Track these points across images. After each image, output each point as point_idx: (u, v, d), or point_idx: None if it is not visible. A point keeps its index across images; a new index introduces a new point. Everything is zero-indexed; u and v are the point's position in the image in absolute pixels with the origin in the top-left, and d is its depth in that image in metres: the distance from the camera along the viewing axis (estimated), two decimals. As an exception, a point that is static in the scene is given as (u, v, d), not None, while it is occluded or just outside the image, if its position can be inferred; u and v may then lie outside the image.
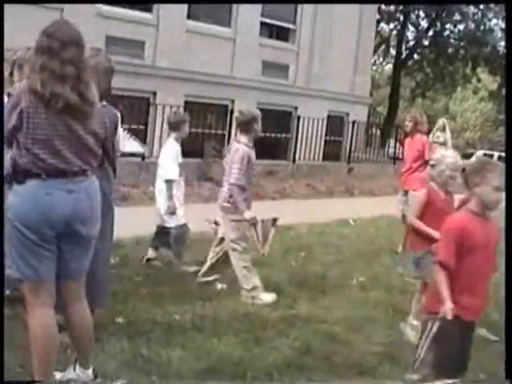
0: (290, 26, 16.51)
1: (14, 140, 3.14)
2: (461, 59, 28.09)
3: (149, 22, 13.51)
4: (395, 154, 18.48)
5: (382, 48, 30.99)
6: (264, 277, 5.63)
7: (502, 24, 25.98)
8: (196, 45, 13.98)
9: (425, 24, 28.36)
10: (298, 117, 15.59)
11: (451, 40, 28.04)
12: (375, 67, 32.90)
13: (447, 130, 11.92)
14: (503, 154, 15.80)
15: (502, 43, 25.18)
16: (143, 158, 11.07)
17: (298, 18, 16.47)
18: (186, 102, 13.69)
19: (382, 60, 34.29)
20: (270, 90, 15.38)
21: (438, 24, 27.68)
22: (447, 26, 27.78)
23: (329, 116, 16.90)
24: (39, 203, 3.13)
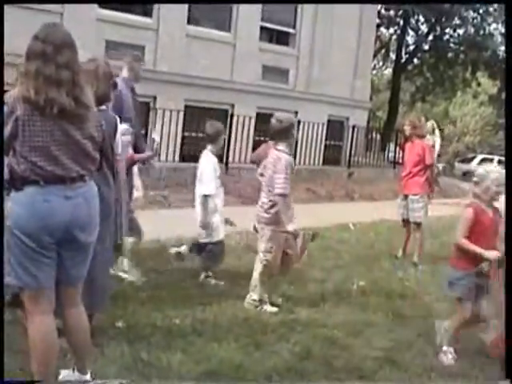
0: (290, 30, 16.54)
1: (11, 147, 3.08)
2: (460, 63, 28.13)
3: (149, 26, 13.55)
4: (395, 158, 18.51)
5: (382, 52, 31.09)
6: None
7: (501, 28, 26.12)
8: (196, 49, 14.01)
9: (424, 28, 28.46)
10: (298, 121, 15.51)
11: (451, 44, 28.08)
12: (375, 72, 32.92)
13: (436, 132, 11.91)
14: (503, 158, 15.83)
15: (502, 47, 25.21)
16: (143, 163, 11.02)
17: (298, 22, 16.51)
18: (186, 107, 13.72)
19: (382, 64, 34.39)
20: (270, 94, 15.38)
21: (438, 28, 27.74)
22: (447, 30, 27.85)
23: (329, 120, 16.92)
24: (37, 210, 3.08)
